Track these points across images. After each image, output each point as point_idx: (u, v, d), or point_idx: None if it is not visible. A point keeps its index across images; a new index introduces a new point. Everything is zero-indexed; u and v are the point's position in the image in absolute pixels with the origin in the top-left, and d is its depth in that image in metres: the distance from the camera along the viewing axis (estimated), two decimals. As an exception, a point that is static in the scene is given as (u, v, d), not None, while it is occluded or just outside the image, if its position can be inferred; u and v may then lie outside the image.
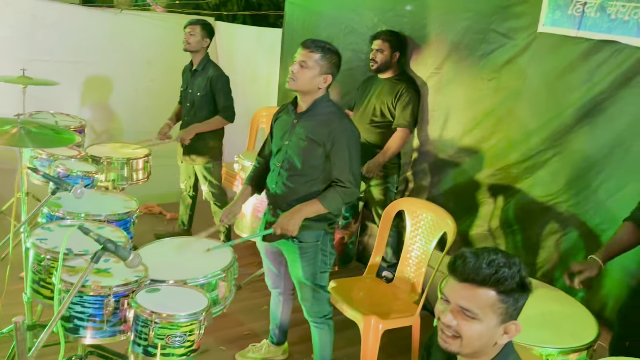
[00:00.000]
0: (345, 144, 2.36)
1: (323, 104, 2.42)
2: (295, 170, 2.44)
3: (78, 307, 1.78)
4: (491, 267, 1.32)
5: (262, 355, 3.02)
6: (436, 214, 2.89)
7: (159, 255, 2.19)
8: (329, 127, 2.36)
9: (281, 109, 2.61)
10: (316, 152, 2.38)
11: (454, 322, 1.36)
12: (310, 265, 2.52)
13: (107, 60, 4.96)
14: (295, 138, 2.43)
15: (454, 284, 1.37)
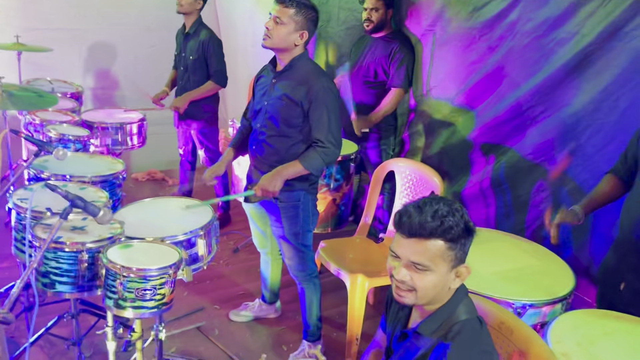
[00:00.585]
0: (323, 103, 2.33)
1: (301, 62, 2.39)
2: (275, 130, 2.43)
3: (53, 262, 1.82)
4: (436, 218, 1.33)
5: (254, 314, 3.09)
6: (424, 174, 2.87)
7: (139, 214, 2.23)
8: (306, 85, 2.33)
9: (262, 69, 2.59)
10: (294, 111, 2.36)
11: (407, 277, 1.37)
12: (293, 225, 2.53)
13: (106, 27, 4.94)
14: (274, 97, 2.41)
15: (402, 240, 1.38)
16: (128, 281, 1.74)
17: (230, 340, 2.90)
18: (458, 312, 1.41)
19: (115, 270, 1.76)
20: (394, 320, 1.57)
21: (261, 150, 2.50)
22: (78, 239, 1.86)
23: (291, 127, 2.39)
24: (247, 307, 3.12)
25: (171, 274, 1.80)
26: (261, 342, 2.94)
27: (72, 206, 1.69)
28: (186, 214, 2.29)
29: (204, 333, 2.94)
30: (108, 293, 1.80)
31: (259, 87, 2.53)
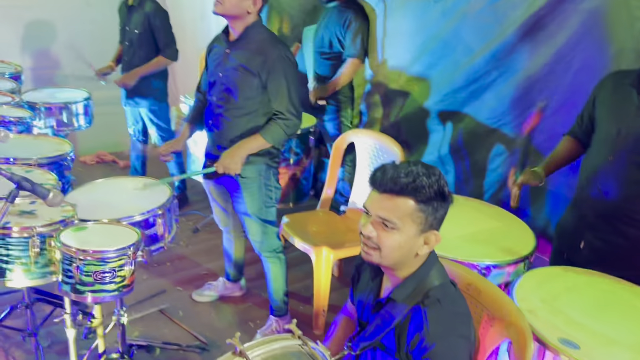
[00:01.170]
0: (281, 72, 2.26)
1: (255, 30, 2.30)
2: (232, 103, 2.35)
3: (2, 249, 1.71)
4: (409, 176, 1.31)
5: (219, 293, 3.04)
6: (384, 144, 2.86)
7: (92, 195, 2.12)
8: (263, 55, 2.25)
9: (214, 39, 2.49)
10: (252, 82, 2.29)
11: (373, 234, 1.35)
12: (255, 200, 2.48)
13: (43, 3, 4.65)
14: (229, 68, 2.32)
15: (374, 196, 1.36)
16: (85, 264, 1.65)
17: (196, 321, 2.85)
18: (431, 277, 1.40)
19: (71, 254, 1.66)
20: (365, 291, 1.55)
21: (219, 124, 2.42)
22: (27, 224, 1.75)
23: (249, 99, 2.32)
24: (210, 286, 3.06)
25: (130, 255, 1.72)
26: (227, 320, 2.90)
27: (18, 189, 1.59)
28: (142, 193, 2.20)
29: (168, 315, 2.87)
30: (64, 278, 1.71)
31: (212, 58, 2.44)
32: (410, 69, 3.14)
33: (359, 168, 3.01)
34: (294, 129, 2.41)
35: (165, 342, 2.64)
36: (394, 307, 1.40)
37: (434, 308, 1.35)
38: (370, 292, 1.53)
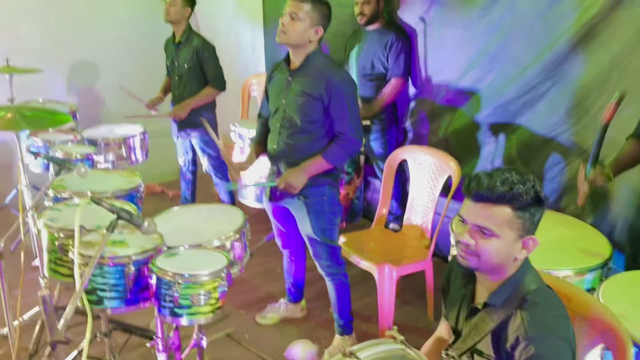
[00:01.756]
0: (343, 95, 2.34)
1: (316, 57, 2.39)
2: (296, 127, 2.43)
3: (99, 278, 1.79)
4: (505, 184, 1.35)
5: (280, 315, 3.07)
6: (438, 159, 2.90)
7: (169, 223, 2.20)
8: (324, 80, 2.33)
9: (274, 67, 2.58)
10: (315, 107, 2.37)
11: (472, 242, 1.39)
12: (319, 221, 2.53)
13: (86, 44, 4.85)
14: (292, 95, 2.41)
15: (470, 205, 1.40)
16: (183, 288, 1.72)
17: (262, 343, 2.89)
18: (527, 282, 1.42)
19: (168, 279, 1.73)
20: (458, 300, 1.58)
21: (281, 148, 2.49)
22: (122, 252, 1.83)
23: (312, 123, 2.40)
24: (272, 308, 3.10)
25: (223, 277, 1.79)
26: (292, 341, 2.93)
27: (118, 219, 1.67)
28: (217, 218, 2.28)
29: (235, 339, 2.92)
30: (162, 302, 1.78)
31: (274, 86, 2.52)
32: (457, 84, 3.19)
33: (413, 184, 3.05)
34: (355, 150, 2.47)
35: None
36: (491, 312, 1.43)
37: (533, 311, 1.37)
38: (463, 299, 1.56)
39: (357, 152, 2.48)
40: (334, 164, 2.43)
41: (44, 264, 2.12)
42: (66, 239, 1.98)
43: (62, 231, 1.99)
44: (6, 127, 2.22)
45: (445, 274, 1.68)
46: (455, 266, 1.64)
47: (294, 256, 2.94)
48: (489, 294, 1.45)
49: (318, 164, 2.42)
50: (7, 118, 2.26)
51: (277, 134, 2.50)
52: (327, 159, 2.41)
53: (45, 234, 2.04)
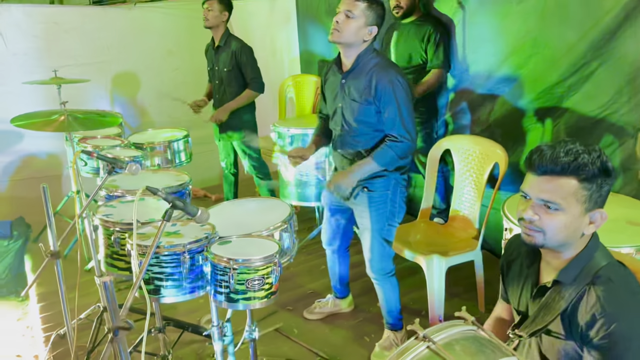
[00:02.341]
0: (392, 96, 2.28)
1: (367, 57, 2.33)
2: (353, 130, 2.41)
3: (156, 267, 1.83)
4: (569, 154, 1.29)
5: (328, 310, 3.07)
6: (484, 146, 2.85)
7: (219, 216, 2.23)
8: (374, 81, 2.29)
9: (327, 69, 2.57)
10: (369, 110, 2.34)
11: (535, 218, 1.34)
12: (380, 216, 2.47)
13: (128, 56, 5.00)
14: (347, 99, 2.40)
15: (532, 179, 1.35)
16: (238, 273, 1.74)
17: (311, 338, 2.89)
18: (597, 258, 1.36)
19: (224, 264, 1.76)
20: (520, 281, 1.53)
21: (345, 150, 2.50)
22: (177, 242, 1.87)
23: (368, 126, 2.37)
24: (320, 304, 3.10)
25: (276, 262, 1.80)
26: (341, 336, 2.92)
27: (173, 208, 1.70)
28: (265, 210, 2.30)
29: (284, 334, 2.93)
30: (217, 289, 1.81)
31: (329, 89, 2.52)
32: (498, 71, 3.14)
33: (458, 174, 3.01)
34: (407, 152, 2.39)
35: (288, 359, 2.69)
36: (561, 290, 1.37)
37: (608, 288, 1.31)
38: (526, 279, 1.51)
39: (409, 154, 2.40)
40: (384, 165, 2.37)
41: (101, 260, 2.18)
42: (122, 232, 2.03)
43: (117, 225, 2.05)
44: (59, 129, 2.31)
45: (504, 256, 1.64)
46: (515, 247, 1.59)
47: (337, 254, 2.91)
48: (558, 271, 1.39)
49: (368, 166, 2.37)
50: (60, 120, 2.35)
51: (337, 136, 2.51)
52: (376, 161, 2.35)
53: (102, 230, 2.10)
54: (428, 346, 1.25)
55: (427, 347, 1.25)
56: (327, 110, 2.57)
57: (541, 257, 1.47)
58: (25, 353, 3.16)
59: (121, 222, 2.06)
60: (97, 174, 3.26)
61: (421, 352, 1.24)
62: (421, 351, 1.25)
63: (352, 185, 2.42)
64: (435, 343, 1.25)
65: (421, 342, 1.26)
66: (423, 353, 1.24)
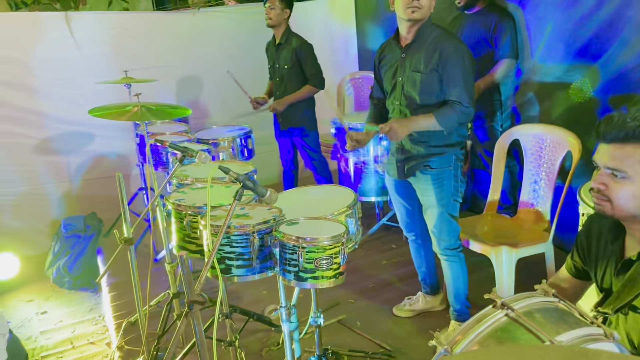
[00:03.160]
0: (457, 63, 2.31)
1: (428, 29, 2.37)
2: (415, 103, 2.41)
3: (227, 247, 1.87)
4: (636, 119, 1.24)
5: (419, 308, 2.96)
6: (555, 135, 2.74)
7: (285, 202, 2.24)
8: (438, 50, 2.31)
9: (382, 48, 2.58)
10: (432, 79, 2.35)
11: (602, 186, 1.30)
12: (444, 192, 2.47)
13: (191, 60, 5.16)
14: (408, 72, 2.40)
15: (601, 147, 1.33)
16: (307, 252, 1.75)
17: (375, 331, 2.86)
18: None
19: (292, 243, 1.78)
20: (604, 257, 1.46)
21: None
22: (247, 222, 1.90)
23: (432, 95, 2.37)
24: (410, 301, 2.99)
25: (344, 242, 1.80)
26: (406, 329, 2.87)
27: (244, 188, 1.74)
28: (329, 196, 2.31)
29: (347, 325, 2.92)
30: (286, 267, 1.82)
31: (387, 66, 2.52)
32: (568, 59, 3.02)
33: (528, 165, 2.90)
34: (467, 118, 2.40)
35: (352, 350, 2.67)
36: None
37: None
38: (610, 256, 1.44)
39: (467, 121, 2.42)
40: (443, 126, 2.36)
41: (173, 243, 2.25)
42: (194, 216, 2.09)
43: (190, 209, 2.11)
44: (133, 118, 2.41)
45: (582, 232, 1.57)
46: (596, 223, 1.53)
47: (420, 239, 2.82)
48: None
49: (427, 121, 2.36)
50: (133, 111, 2.46)
51: (397, 112, 2.50)
52: (438, 119, 2.34)
53: (174, 214, 2.17)
54: (507, 314, 1.21)
55: (505, 315, 1.21)
56: (385, 87, 2.55)
57: (625, 231, 1.40)
58: (98, 340, 3.30)
59: (193, 206, 2.11)
60: (167, 168, 3.38)
61: (499, 319, 1.21)
62: (499, 318, 1.21)
63: (405, 133, 2.37)
64: (514, 310, 1.20)
65: (499, 310, 1.23)
66: (502, 320, 1.21)
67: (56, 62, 4.42)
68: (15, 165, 4.30)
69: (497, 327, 1.20)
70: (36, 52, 4.28)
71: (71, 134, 4.65)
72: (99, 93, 4.56)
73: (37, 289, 3.96)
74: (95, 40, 4.65)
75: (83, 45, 4.60)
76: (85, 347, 3.23)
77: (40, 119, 4.36)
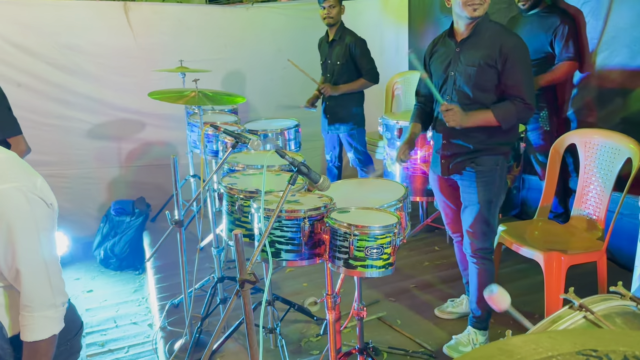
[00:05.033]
0: (517, 59, 2.27)
1: (485, 24, 2.34)
2: (467, 98, 2.37)
3: (278, 231, 1.88)
4: None
5: (462, 310, 2.90)
6: (615, 140, 2.65)
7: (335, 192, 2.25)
8: (497, 45, 2.28)
9: (434, 43, 2.56)
10: (488, 75, 2.30)
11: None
12: (487, 191, 2.41)
13: (242, 54, 5.22)
14: (462, 66, 2.36)
15: None
16: (358, 240, 1.75)
17: (415, 330, 2.83)
18: None
19: (344, 230, 1.78)
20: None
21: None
22: (298, 208, 1.91)
23: (485, 92, 2.33)
24: (453, 303, 2.94)
25: (395, 233, 1.79)
26: (447, 330, 2.82)
27: (297, 172, 1.75)
28: (380, 189, 2.29)
29: (387, 323, 2.89)
30: (336, 254, 1.82)
31: (439, 60, 2.48)
32: (632, 63, 2.91)
33: (584, 171, 2.81)
34: (527, 115, 2.36)
35: (392, 347, 2.64)
36: None
37: None
38: None
39: (527, 118, 2.40)
40: (501, 121, 2.30)
41: (224, 228, 2.28)
42: (246, 200, 2.11)
43: (242, 192, 2.14)
44: (191, 102, 2.46)
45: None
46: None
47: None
48: None
49: (485, 116, 2.31)
50: (191, 96, 2.51)
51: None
52: (496, 115, 2.30)
53: (225, 197, 2.20)
54: (585, 316, 1.16)
55: (583, 317, 1.16)
56: (435, 80, 2.50)
57: None
58: (140, 320, 3.38)
59: (245, 190, 2.14)
60: (216, 157, 3.43)
61: (577, 322, 1.15)
62: (577, 320, 1.15)
63: (464, 122, 2.30)
64: (593, 313, 1.15)
65: (577, 312, 1.17)
66: (579, 322, 1.15)
67: (113, 50, 4.56)
68: (68, 148, 4.45)
69: (575, 329, 1.14)
70: (94, 40, 4.42)
71: (123, 121, 4.79)
72: (153, 82, 4.68)
73: (84, 268, 4.10)
74: (151, 31, 4.77)
75: (139, 34, 4.73)
76: (128, 327, 3.32)
77: (95, 105, 4.50)
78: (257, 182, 2.27)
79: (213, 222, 2.78)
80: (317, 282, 3.35)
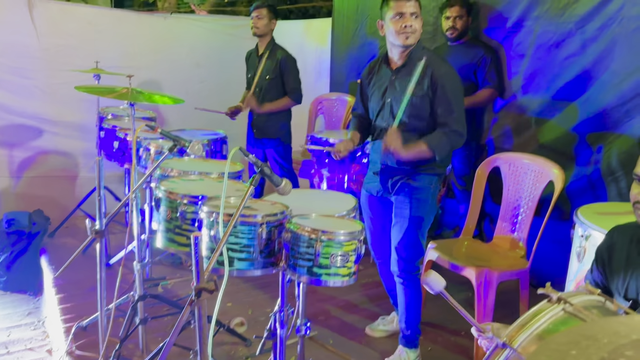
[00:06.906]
0: (447, 87, 2.32)
1: (418, 53, 2.38)
2: (404, 125, 2.38)
3: (232, 237, 1.74)
4: None
5: (393, 328, 2.86)
6: (539, 164, 2.82)
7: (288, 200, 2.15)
8: (427, 74, 2.32)
9: (370, 69, 2.58)
10: (422, 103, 2.35)
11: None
12: (419, 208, 2.43)
13: (156, 64, 4.96)
14: (397, 93, 2.40)
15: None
16: (325, 246, 1.65)
17: (348, 348, 2.75)
18: None
19: (309, 235, 1.68)
20: (629, 269, 1.47)
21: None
22: (253, 213, 1.78)
23: (421, 120, 2.37)
24: (384, 321, 2.90)
25: (361, 240, 1.72)
26: (379, 349, 2.78)
27: (261, 174, 1.64)
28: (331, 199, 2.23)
29: (319, 342, 2.79)
30: (299, 262, 1.71)
31: (376, 86, 2.51)
32: (549, 96, 3.15)
33: (507, 193, 2.96)
34: (459, 142, 2.40)
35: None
36: None
37: None
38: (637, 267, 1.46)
39: (459, 145, 2.42)
40: (435, 151, 2.32)
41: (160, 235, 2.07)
42: (190, 205, 1.94)
43: (186, 197, 1.96)
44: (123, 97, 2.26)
45: (604, 243, 1.58)
46: (619, 235, 1.55)
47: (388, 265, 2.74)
48: None
49: (419, 149, 2.32)
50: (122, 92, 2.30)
51: (382, 132, 2.46)
52: (430, 145, 2.31)
53: (165, 202, 2.01)
54: (564, 308, 1.17)
55: (562, 310, 1.17)
56: (372, 106, 2.53)
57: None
58: (37, 346, 2.97)
59: (189, 195, 1.97)
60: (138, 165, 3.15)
61: (557, 314, 1.16)
62: (556, 312, 1.17)
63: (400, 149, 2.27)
64: (572, 305, 1.17)
65: (555, 305, 1.18)
66: (559, 315, 1.16)
67: (11, 47, 4.12)
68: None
69: (557, 320, 1.16)
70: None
71: (18, 127, 4.32)
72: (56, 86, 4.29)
73: (-35, 288, 3.54)
74: (56, 31, 4.39)
75: (43, 34, 4.33)
76: (23, 353, 2.89)
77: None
78: (199, 187, 2.11)
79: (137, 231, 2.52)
80: (242, 302, 3.18)
